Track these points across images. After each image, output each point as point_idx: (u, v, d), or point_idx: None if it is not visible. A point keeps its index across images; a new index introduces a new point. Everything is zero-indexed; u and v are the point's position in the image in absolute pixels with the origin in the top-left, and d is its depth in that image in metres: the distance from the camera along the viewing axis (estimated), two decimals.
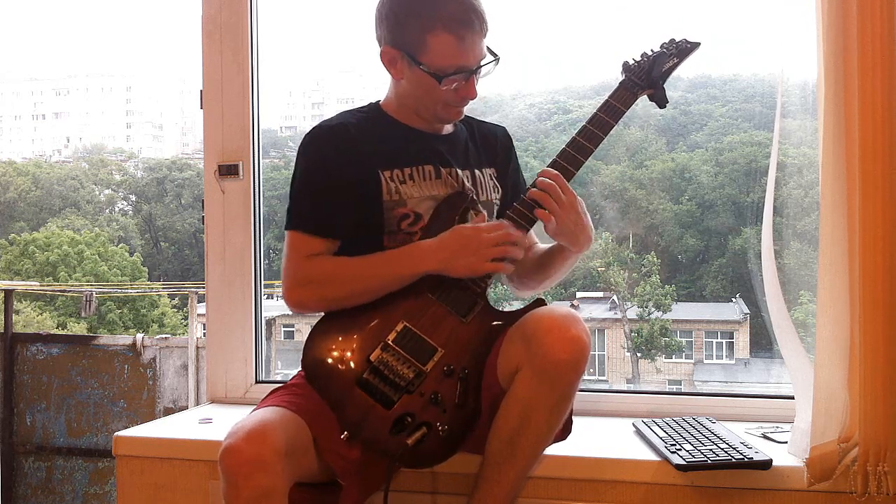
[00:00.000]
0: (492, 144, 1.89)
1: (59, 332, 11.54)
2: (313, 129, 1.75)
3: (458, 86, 1.68)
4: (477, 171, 1.82)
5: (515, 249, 1.64)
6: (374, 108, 1.81)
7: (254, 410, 1.63)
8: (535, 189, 1.66)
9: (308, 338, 1.68)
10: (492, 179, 1.85)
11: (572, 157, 1.69)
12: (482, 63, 1.69)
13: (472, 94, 1.71)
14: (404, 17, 1.67)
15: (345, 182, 1.70)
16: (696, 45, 1.76)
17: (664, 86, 1.74)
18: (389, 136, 1.75)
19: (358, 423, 1.61)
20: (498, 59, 1.70)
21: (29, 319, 12.18)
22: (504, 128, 1.95)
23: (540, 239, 1.91)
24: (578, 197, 1.68)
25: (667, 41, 1.76)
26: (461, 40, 1.64)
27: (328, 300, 1.69)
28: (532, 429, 1.58)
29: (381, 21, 1.71)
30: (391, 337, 1.64)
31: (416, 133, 1.77)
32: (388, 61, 1.72)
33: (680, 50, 1.75)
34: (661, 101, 1.74)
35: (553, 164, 1.69)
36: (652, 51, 1.75)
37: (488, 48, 1.70)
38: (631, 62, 1.74)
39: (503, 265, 1.64)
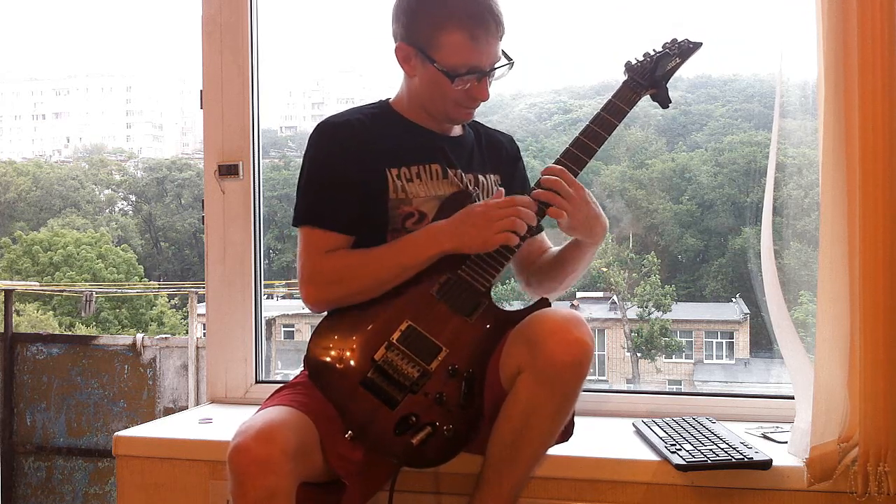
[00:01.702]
0: (497, 152, 1.89)
1: (59, 332, 11.54)
2: (320, 123, 1.75)
3: (470, 86, 1.68)
4: (481, 176, 1.82)
5: (521, 222, 1.61)
6: (384, 105, 1.81)
7: (260, 409, 1.63)
8: (540, 190, 1.66)
9: (312, 336, 1.67)
10: (496, 186, 1.84)
11: (576, 157, 1.68)
12: (496, 66, 1.68)
13: (485, 96, 1.70)
14: (420, 13, 1.66)
15: (351, 178, 1.69)
16: (699, 45, 1.76)
17: (667, 85, 1.74)
18: (397, 134, 1.75)
19: (362, 423, 1.60)
20: (512, 63, 1.70)
21: (33, 319, 12.19)
22: (511, 136, 1.95)
23: (556, 240, 1.91)
24: (586, 189, 1.68)
25: (669, 41, 1.75)
26: (475, 40, 1.64)
27: (349, 295, 1.67)
28: (533, 432, 1.58)
29: (397, 17, 1.71)
30: (395, 336, 1.63)
31: (424, 132, 1.77)
32: (402, 58, 1.71)
33: (682, 50, 1.74)
34: (664, 101, 1.74)
35: (557, 164, 1.69)
36: (654, 51, 1.75)
37: (503, 51, 1.69)
38: (634, 62, 1.74)
39: (509, 236, 1.61)
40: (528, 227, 1.65)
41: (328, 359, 1.64)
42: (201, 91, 2.43)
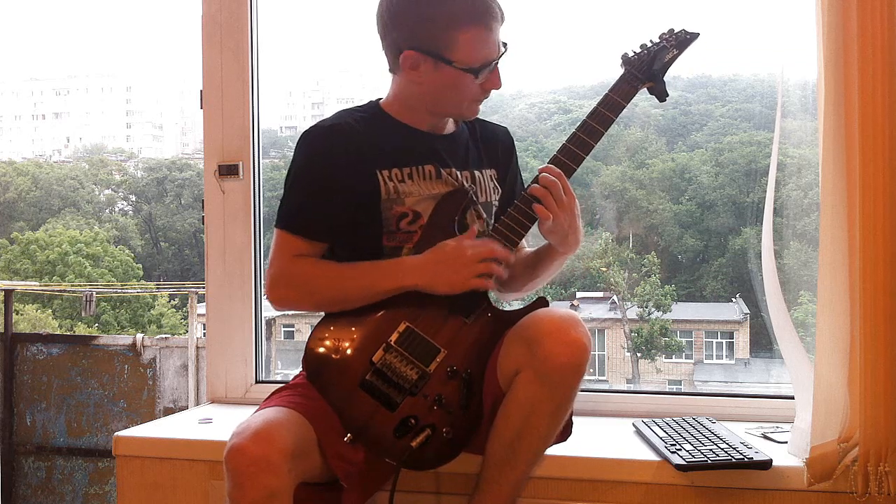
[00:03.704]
0: (493, 145, 1.88)
1: (59, 332, 11.54)
2: (310, 128, 1.74)
3: (485, 78, 1.68)
4: (477, 172, 1.81)
5: (499, 267, 1.64)
6: (374, 107, 1.79)
7: (258, 410, 1.63)
8: (536, 186, 1.66)
9: (309, 338, 1.68)
10: (492, 181, 1.84)
11: (573, 154, 1.68)
12: (502, 53, 1.69)
13: (498, 84, 1.70)
14: (428, 17, 1.64)
15: (340, 183, 1.69)
16: (696, 35, 1.74)
17: (664, 78, 1.73)
18: (389, 136, 1.74)
19: (361, 426, 1.61)
20: (507, 45, 1.70)
21: (33, 319, 12.18)
22: (505, 128, 1.94)
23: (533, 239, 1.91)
24: (576, 200, 1.68)
25: (666, 32, 1.74)
26: (490, 31, 1.64)
27: (307, 303, 1.69)
28: (532, 432, 1.58)
29: (397, 26, 1.67)
30: (394, 338, 1.63)
31: (416, 133, 1.76)
32: (409, 65, 1.67)
33: (679, 41, 1.74)
34: (662, 95, 1.74)
35: (554, 160, 1.68)
36: (651, 42, 1.74)
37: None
38: (631, 54, 1.73)
39: (485, 281, 1.63)
40: (521, 228, 1.66)
41: (326, 361, 1.64)
42: (201, 91, 2.43)
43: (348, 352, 1.64)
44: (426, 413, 1.61)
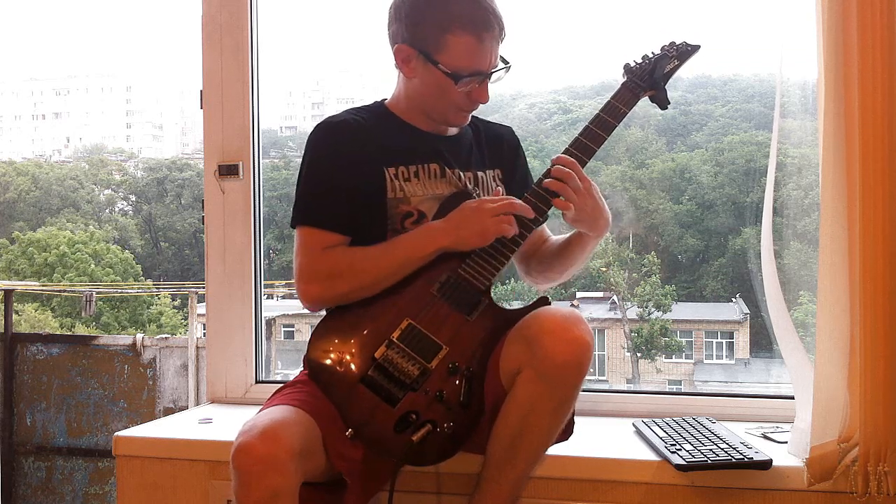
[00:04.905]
0: (498, 145, 1.89)
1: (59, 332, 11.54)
2: (320, 123, 1.76)
3: (471, 88, 1.69)
4: (480, 173, 1.82)
5: (513, 216, 1.63)
6: (380, 106, 1.82)
7: (263, 408, 1.63)
8: (549, 179, 1.66)
9: (312, 336, 1.68)
10: (495, 181, 1.85)
11: (576, 157, 1.69)
12: (496, 69, 1.69)
13: (485, 99, 1.72)
14: (424, 15, 1.67)
15: (349, 180, 1.70)
16: (697, 47, 1.77)
17: (665, 87, 1.75)
18: (395, 135, 1.76)
19: (362, 421, 1.61)
20: (509, 66, 1.71)
21: (32, 319, 12.18)
22: (510, 128, 1.95)
23: (556, 231, 1.92)
24: (593, 182, 1.69)
25: (667, 44, 1.77)
26: (480, 42, 1.65)
27: (348, 292, 1.67)
28: (533, 431, 1.58)
29: (398, 19, 1.71)
30: (396, 334, 1.64)
31: (421, 133, 1.78)
32: (402, 59, 1.72)
33: (680, 52, 1.76)
34: (663, 103, 1.76)
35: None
36: (653, 53, 1.76)
37: (501, 55, 1.71)
38: (633, 64, 1.75)
39: (508, 228, 1.62)
40: (531, 221, 1.66)
41: (329, 358, 1.65)
42: (201, 91, 2.43)
43: (351, 348, 1.65)
44: (427, 409, 1.61)
